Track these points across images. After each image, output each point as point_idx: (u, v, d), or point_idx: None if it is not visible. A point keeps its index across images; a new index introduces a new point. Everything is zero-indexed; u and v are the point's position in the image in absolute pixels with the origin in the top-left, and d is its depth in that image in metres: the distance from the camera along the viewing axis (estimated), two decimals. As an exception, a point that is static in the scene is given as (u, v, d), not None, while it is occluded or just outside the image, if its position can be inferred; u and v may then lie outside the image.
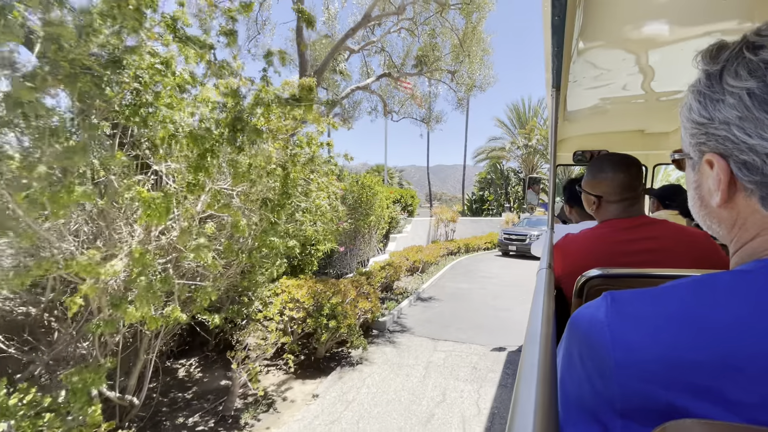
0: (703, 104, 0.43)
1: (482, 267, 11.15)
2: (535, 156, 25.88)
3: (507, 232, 14.28)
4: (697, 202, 0.48)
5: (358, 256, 9.03)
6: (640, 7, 1.08)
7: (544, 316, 0.65)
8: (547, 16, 1.00)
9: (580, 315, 0.48)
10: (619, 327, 0.42)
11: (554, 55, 1.21)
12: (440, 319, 5.71)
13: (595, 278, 0.85)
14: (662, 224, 1.18)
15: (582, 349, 0.45)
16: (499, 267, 11.32)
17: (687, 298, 0.40)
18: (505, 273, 10.20)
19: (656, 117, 2.30)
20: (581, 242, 1.26)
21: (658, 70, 1.53)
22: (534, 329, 0.60)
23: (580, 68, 1.53)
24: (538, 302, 0.75)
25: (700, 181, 0.46)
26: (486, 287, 8.19)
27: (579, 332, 0.47)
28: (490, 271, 10.50)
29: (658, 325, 0.39)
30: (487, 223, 18.25)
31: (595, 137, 2.82)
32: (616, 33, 1.23)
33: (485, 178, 30.97)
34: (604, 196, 1.26)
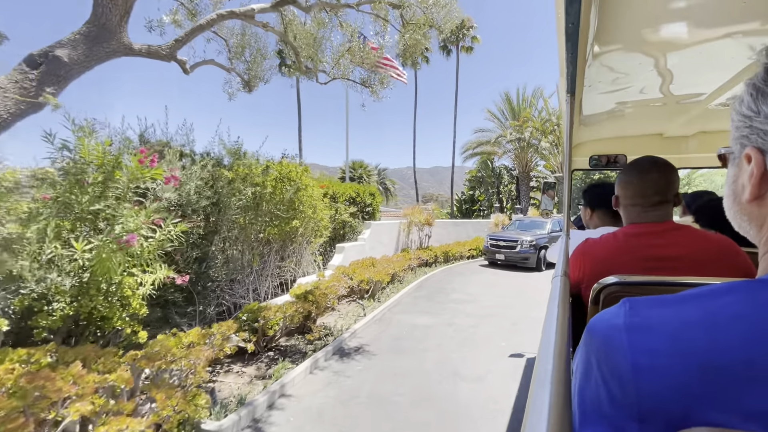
0: (754, 97, 0.42)
1: (459, 284, 8.60)
2: (529, 151, 23.43)
3: (494, 237, 11.75)
4: (730, 197, 0.48)
5: (279, 276, 6.45)
6: (657, 10, 1.04)
7: (558, 325, 0.66)
8: (561, 22, 1.00)
9: (597, 321, 0.48)
10: (637, 332, 0.41)
11: (569, 61, 1.21)
12: (345, 413, 3.13)
13: (612, 285, 0.85)
14: (686, 230, 1.15)
15: (599, 354, 0.44)
16: (481, 284, 8.76)
17: (708, 305, 0.40)
18: (487, 294, 7.65)
19: (675, 120, 2.19)
20: (603, 246, 1.22)
21: (677, 73, 1.49)
22: (548, 338, 0.60)
23: (596, 73, 1.50)
24: (553, 311, 0.75)
25: (737, 176, 0.46)
26: (455, 321, 5.64)
27: (596, 337, 0.46)
28: (468, 290, 7.95)
29: (678, 331, 0.39)
30: (473, 227, 15.73)
31: (612, 141, 2.70)
32: (633, 36, 1.20)
33: (475, 177, 28.52)
34: (631, 198, 1.23)
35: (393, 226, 10.76)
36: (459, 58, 28.58)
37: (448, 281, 8.93)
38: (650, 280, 0.86)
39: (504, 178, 27.27)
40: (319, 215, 6.96)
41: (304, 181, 6.21)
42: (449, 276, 9.68)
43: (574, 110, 1.65)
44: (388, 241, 10.45)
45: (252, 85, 6.49)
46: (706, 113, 1.94)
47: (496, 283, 8.83)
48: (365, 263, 7.63)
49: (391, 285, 7.96)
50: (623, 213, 1.28)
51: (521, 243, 10.91)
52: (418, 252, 10.74)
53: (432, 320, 5.67)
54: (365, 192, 9.55)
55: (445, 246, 12.45)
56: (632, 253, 1.13)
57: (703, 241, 1.10)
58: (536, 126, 21.86)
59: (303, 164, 6.45)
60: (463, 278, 9.37)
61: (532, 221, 12.70)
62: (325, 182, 8.61)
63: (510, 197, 27.41)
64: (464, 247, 13.21)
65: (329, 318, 5.66)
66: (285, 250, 6.51)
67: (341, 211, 8.60)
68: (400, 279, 8.56)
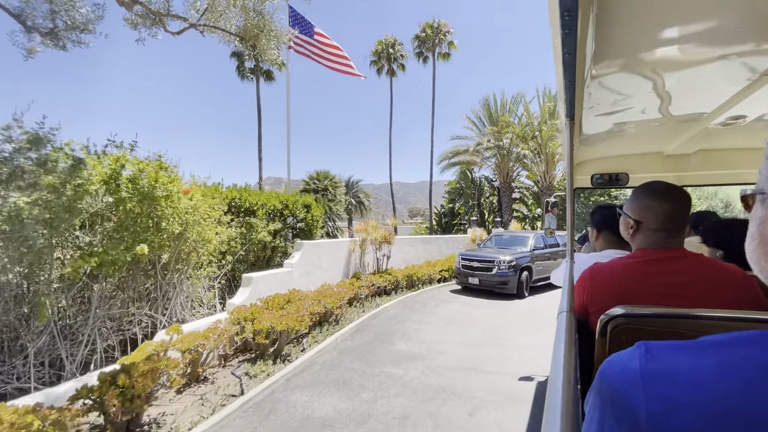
0: None
1: (414, 323, 6.48)
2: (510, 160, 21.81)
3: (467, 256, 9.73)
4: (756, 240, 0.44)
5: (123, 329, 4.24)
6: (653, 35, 1.06)
7: (565, 368, 0.64)
8: (558, 51, 1.01)
9: (610, 364, 0.46)
10: (654, 379, 0.40)
11: (567, 87, 1.24)
12: None
13: (619, 317, 0.83)
14: (697, 258, 1.11)
15: (614, 400, 0.43)
16: (444, 321, 6.66)
17: (729, 355, 0.38)
18: (448, 341, 5.55)
19: (676, 139, 2.19)
20: (611, 272, 1.18)
21: (676, 94, 1.49)
22: (556, 384, 0.59)
23: (595, 95, 1.49)
24: (559, 354, 0.72)
25: (766, 218, 0.43)
26: (376, 410, 3.50)
27: (609, 381, 0.44)
28: (424, 334, 5.84)
29: (695, 380, 0.38)
30: (447, 243, 13.73)
31: (614, 160, 2.69)
32: (630, 60, 1.20)
33: (455, 188, 26.78)
34: (644, 222, 1.18)
35: (340, 246, 8.64)
36: (435, 65, 27.20)
37: (402, 318, 6.79)
38: (659, 311, 0.83)
39: (485, 189, 25.58)
40: (205, 235, 4.79)
41: (160, 181, 4.07)
42: (407, 309, 7.55)
43: (574, 132, 1.69)
44: (333, 265, 8.31)
45: (61, 36, 4.32)
46: (706, 132, 1.94)
47: (465, 319, 6.73)
48: (277, 300, 5.46)
49: (319, 329, 5.79)
50: (641, 237, 1.20)
51: (498, 264, 8.90)
52: (373, 278, 8.62)
53: (342, 406, 3.51)
54: (296, 203, 7.42)
55: (410, 268, 10.36)
56: (645, 281, 1.10)
57: (715, 270, 1.08)
58: (516, 132, 20.28)
59: (163, 163, 4.33)
60: (423, 313, 7.25)
61: (513, 236, 10.75)
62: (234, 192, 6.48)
63: (492, 209, 25.67)
64: (434, 268, 11.14)
65: (177, 405, 3.46)
66: (135, 286, 4.31)
67: (257, 228, 6.45)
68: (337, 318, 6.40)
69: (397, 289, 9.40)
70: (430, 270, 10.81)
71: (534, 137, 20.39)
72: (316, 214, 7.83)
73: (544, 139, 19.61)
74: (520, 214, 25.18)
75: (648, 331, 0.81)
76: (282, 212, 7.14)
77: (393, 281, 9.17)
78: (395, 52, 27.44)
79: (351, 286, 7.85)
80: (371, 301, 8.06)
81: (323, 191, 18.40)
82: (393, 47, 27.51)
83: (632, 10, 0.93)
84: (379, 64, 28.18)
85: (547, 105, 20.41)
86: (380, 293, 8.85)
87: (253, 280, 5.77)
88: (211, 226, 5.32)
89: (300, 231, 7.61)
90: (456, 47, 27.51)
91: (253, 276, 5.80)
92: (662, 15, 0.96)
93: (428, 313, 7.20)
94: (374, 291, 8.50)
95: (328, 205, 17.49)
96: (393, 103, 28.02)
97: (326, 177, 19.04)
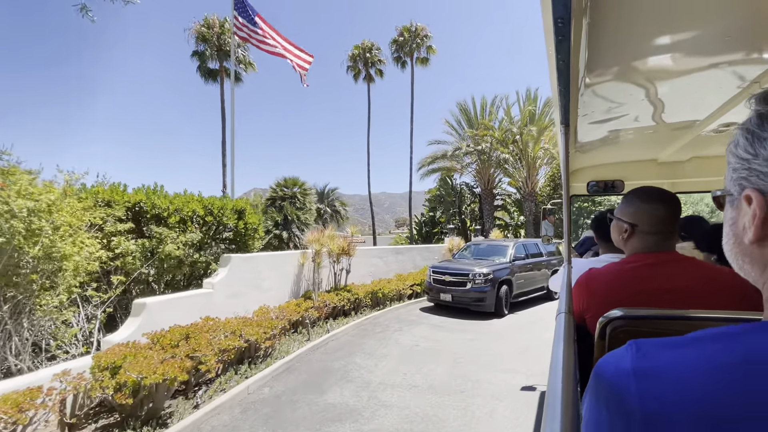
0: (750, 141, 0.43)
1: (366, 356, 5.19)
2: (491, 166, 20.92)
3: (438, 269, 8.52)
4: (731, 240, 0.47)
5: None
6: (644, 44, 1.08)
7: (564, 368, 0.65)
8: (552, 59, 1.01)
9: (604, 364, 0.46)
10: (646, 377, 0.40)
11: (562, 94, 1.23)
12: None
13: (618, 319, 0.84)
14: (690, 262, 1.12)
15: (608, 400, 0.43)
16: (403, 353, 5.38)
17: (718, 350, 0.38)
18: (405, 386, 4.29)
19: (670, 147, 2.23)
20: (606, 277, 1.18)
21: (668, 102, 1.52)
22: (555, 384, 0.59)
23: (590, 103, 1.52)
24: (558, 354, 0.73)
25: (736, 218, 0.46)
26: None
27: (604, 382, 0.45)
28: (372, 375, 4.56)
29: (687, 377, 0.38)
30: (422, 254, 12.51)
31: (609, 167, 2.70)
32: (622, 69, 1.23)
33: (435, 196, 25.75)
34: (638, 226, 1.18)
35: (286, 259, 7.30)
36: (414, 71, 26.40)
37: (351, 349, 5.48)
38: (656, 313, 0.85)
39: (466, 196, 24.62)
40: (63, 249, 3.43)
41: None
42: (362, 335, 6.24)
43: (569, 139, 1.67)
44: (277, 283, 6.96)
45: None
46: (699, 139, 1.95)
47: (430, 349, 5.47)
48: (180, 334, 4.10)
49: (234, 370, 4.43)
50: (635, 241, 1.20)
51: (473, 277, 7.70)
52: (328, 296, 7.30)
53: None
54: (223, 209, 6.06)
55: (376, 283, 9.08)
56: (640, 285, 1.10)
57: (709, 273, 1.08)
58: (495, 136, 19.41)
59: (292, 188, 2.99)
60: (381, 340, 5.96)
61: (491, 245, 9.60)
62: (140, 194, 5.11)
63: (473, 217, 24.69)
64: (405, 282, 9.88)
65: None
66: None
67: (166, 239, 5.09)
68: (266, 352, 5.05)
69: (358, 308, 8.08)
70: (399, 285, 9.54)
71: (514, 141, 19.56)
72: (252, 221, 6.49)
73: (524, 142, 18.78)
74: (502, 222, 24.27)
75: (646, 333, 0.80)
76: (205, 219, 5.78)
77: (353, 300, 7.86)
78: (372, 57, 26.57)
79: (297, 308, 6.51)
80: (322, 325, 6.72)
81: (291, 199, 17.03)
82: (370, 51, 26.65)
83: (623, 20, 0.95)
84: (356, 69, 27.25)
85: (528, 108, 19.67)
86: (336, 315, 7.52)
87: (147, 308, 4.39)
88: (83, 236, 3.96)
89: (233, 242, 6.25)
90: (435, 52, 26.83)
91: (147, 302, 4.42)
92: (653, 24, 0.98)
93: (386, 341, 5.90)
94: (327, 313, 7.18)
95: (295, 213, 16.14)
96: (371, 109, 26.98)
97: (295, 184, 17.67)
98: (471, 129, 21.25)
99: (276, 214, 16.00)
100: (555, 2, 0.80)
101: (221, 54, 18.66)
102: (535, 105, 20.25)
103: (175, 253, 5.14)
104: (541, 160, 19.71)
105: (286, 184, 17.83)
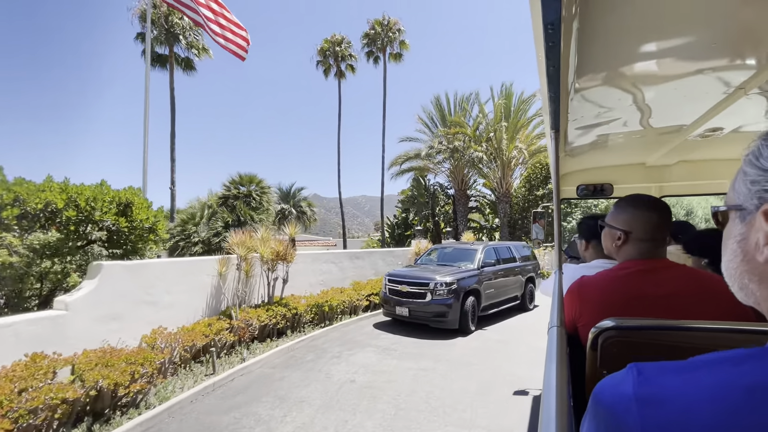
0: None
1: (271, 406, 3.83)
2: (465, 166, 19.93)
3: (395, 277, 7.23)
4: (738, 257, 0.45)
5: None
6: (632, 51, 1.09)
7: (558, 384, 0.64)
8: (542, 65, 1.02)
9: (603, 388, 0.45)
10: (649, 404, 0.39)
11: (551, 100, 1.23)
12: None
13: (609, 330, 0.83)
14: (682, 269, 1.13)
15: (608, 425, 0.41)
16: (330, 397, 4.04)
17: (723, 374, 0.37)
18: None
19: (657, 151, 2.24)
20: (599, 285, 1.17)
21: (655, 108, 1.53)
22: (549, 401, 0.58)
23: (579, 108, 1.52)
24: (551, 369, 0.71)
25: (747, 234, 0.43)
26: None
27: (603, 407, 0.43)
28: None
29: (691, 404, 0.37)
30: (383, 258, 11.21)
31: (598, 171, 2.70)
32: (611, 75, 1.24)
33: (408, 197, 24.61)
34: (633, 233, 1.17)
35: (201, 267, 5.81)
36: (387, 67, 25.24)
37: (259, 390, 4.08)
38: (648, 323, 0.84)
39: (440, 197, 23.59)
40: None
41: None
42: (284, 366, 4.84)
43: (559, 143, 1.68)
44: (183, 298, 5.46)
45: None
46: (685, 144, 1.98)
47: (368, 387, 4.14)
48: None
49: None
50: (629, 248, 1.18)
51: (434, 288, 6.44)
52: (256, 312, 5.86)
53: None
54: (100, 200, 4.53)
55: (324, 294, 7.69)
56: (633, 292, 1.08)
57: (702, 280, 1.08)
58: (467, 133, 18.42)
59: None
60: (307, 373, 4.58)
61: (457, 249, 8.39)
62: None
63: (448, 220, 23.67)
64: (361, 292, 8.54)
65: None
66: None
67: None
68: (135, 400, 3.59)
69: (297, 326, 6.68)
70: (353, 295, 8.19)
71: (489, 139, 18.64)
72: (142, 217, 4.98)
73: (498, 140, 17.87)
74: (477, 225, 23.36)
75: (638, 344, 0.81)
76: (69, 215, 4.25)
77: (289, 316, 6.45)
78: (343, 50, 25.23)
79: (206, 330, 5.07)
80: (239, 351, 5.29)
81: (246, 197, 15.41)
82: (340, 45, 25.31)
83: (612, 27, 0.97)
84: (326, 64, 25.84)
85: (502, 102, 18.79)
86: (268, 335, 6.10)
87: None
88: None
89: (116, 245, 4.73)
90: (408, 48, 25.79)
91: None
92: (641, 31, 0.99)
93: (314, 374, 4.53)
94: (251, 334, 5.74)
95: (249, 213, 14.53)
96: (342, 107, 25.64)
97: (252, 181, 16.06)
98: (445, 126, 20.21)
99: (227, 214, 14.32)
100: (545, 8, 0.80)
101: (170, 37, 16.86)
102: (510, 101, 19.44)
103: (7, 260, 3.60)
104: (516, 159, 18.88)
105: (242, 182, 16.17)
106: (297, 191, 24.06)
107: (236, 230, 6.65)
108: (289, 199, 22.64)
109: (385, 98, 24.93)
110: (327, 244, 33.65)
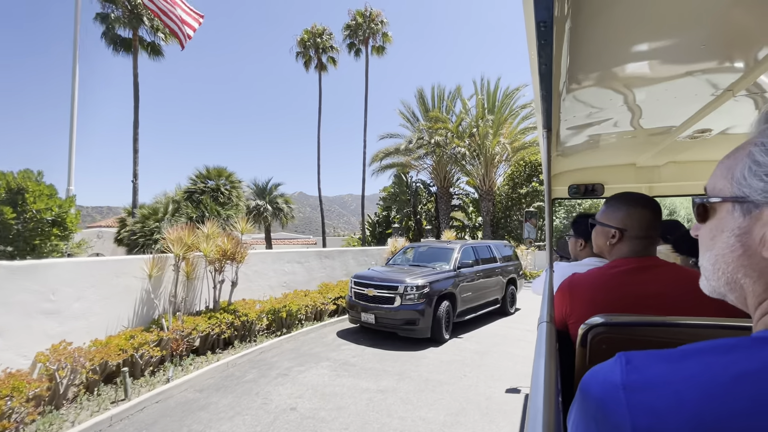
0: None
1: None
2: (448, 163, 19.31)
3: (361, 279, 6.44)
4: (736, 251, 0.43)
5: None
6: (624, 52, 1.11)
7: (546, 380, 0.64)
8: (534, 64, 1.03)
9: (590, 378, 0.45)
10: (637, 390, 0.39)
11: (543, 99, 1.25)
12: None
13: (599, 326, 0.84)
14: (672, 267, 1.13)
15: (597, 415, 0.41)
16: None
17: (711, 362, 0.38)
18: None
19: (647, 152, 2.27)
20: (590, 283, 1.17)
21: (646, 108, 1.56)
22: (536, 396, 0.58)
23: (571, 108, 1.54)
24: (540, 364, 0.72)
25: (750, 228, 0.42)
26: None
27: (592, 397, 0.43)
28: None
29: (679, 391, 0.37)
30: (355, 258, 10.43)
31: (590, 171, 2.74)
32: (603, 75, 1.26)
33: (390, 194, 23.87)
34: (628, 230, 1.17)
35: (120, 268, 4.91)
36: (369, 59, 24.40)
37: (165, 426, 3.24)
38: (637, 320, 0.84)
39: (422, 195, 22.93)
40: None
41: None
42: (215, 389, 4.01)
43: (551, 143, 1.71)
44: (99, 305, 4.57)
45: None
46: (674, 145, 2.01)
47: (312, 419, 3.36)
48: None
49: None
50: (623, 246, 1.18)
51: (404, 291, 5.69)
52: (192, 321, 5.00)
53: None
54: None
55: (283, 298, 6.86)
56: (623, 290, 1.09)
57: (691, 278, 1.06)
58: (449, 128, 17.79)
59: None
60: (239, 399, 3.76)
61: (432, 249, 7.67)
62: None
63: (430, 218, 23.04)
64: (327, 295, 7.75)
65: None
66: None
67: None
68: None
69: (249, 335, 5.84)
70: (318, 298, 7.39)
71: (471, 135, 18.04)
72: (39, 206, 4.07)
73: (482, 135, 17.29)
74: (460, 223, 22.80)
75: (628, 340, 0.81)
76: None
77: (238, 324, 5.60)
78: (324, 42, 24.27)
79: (124, 344, 4.20)
80: (165, 368, 4.42)
81: (214, 192, 14.37)
82: (321, 36, 24.36)
83: (604, 26, 0.97)
84: (306, 56, 24.83)
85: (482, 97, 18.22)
86: (210, 347, 5.25)
87: None
88: None
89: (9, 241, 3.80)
90: (391, 41, 24.96)
91: None
92: (632, 31, 1.00)
93: (249, 400, 3.71)
94: (188, 347, 4.88)
95: (216, 209, 13.52)
96: (326, 102, 24.68)
97: (221, 174, 14.99)
98: (428, 121, 19.53)
99: (192, 209, 13.28)
100: (537, 5, 0.79)
101: (134, 19, 15.64)
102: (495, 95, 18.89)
103: None
104: (499, 156, 18.35)
105: (209, 175, 15.07)
106: (274, 187, 22.95)
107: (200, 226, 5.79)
108: (265, 195, 21.56)
109: (366, 93, 24.08)
110: (307, 243, 32.57)
